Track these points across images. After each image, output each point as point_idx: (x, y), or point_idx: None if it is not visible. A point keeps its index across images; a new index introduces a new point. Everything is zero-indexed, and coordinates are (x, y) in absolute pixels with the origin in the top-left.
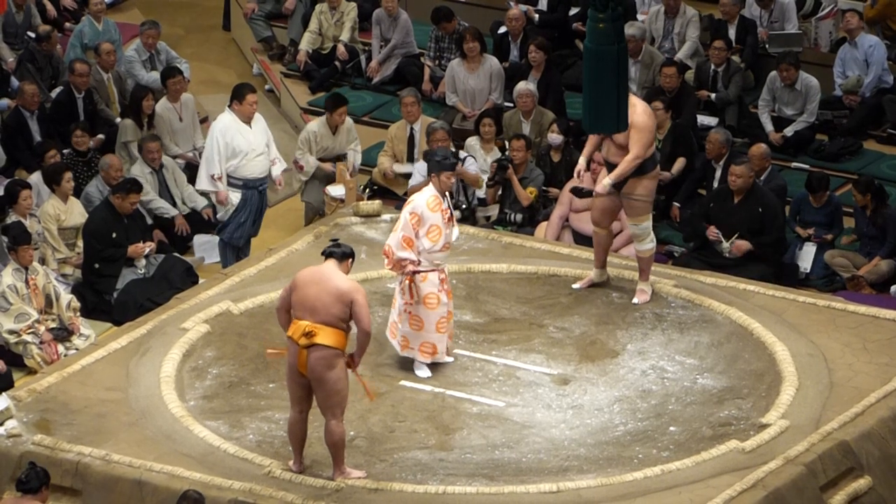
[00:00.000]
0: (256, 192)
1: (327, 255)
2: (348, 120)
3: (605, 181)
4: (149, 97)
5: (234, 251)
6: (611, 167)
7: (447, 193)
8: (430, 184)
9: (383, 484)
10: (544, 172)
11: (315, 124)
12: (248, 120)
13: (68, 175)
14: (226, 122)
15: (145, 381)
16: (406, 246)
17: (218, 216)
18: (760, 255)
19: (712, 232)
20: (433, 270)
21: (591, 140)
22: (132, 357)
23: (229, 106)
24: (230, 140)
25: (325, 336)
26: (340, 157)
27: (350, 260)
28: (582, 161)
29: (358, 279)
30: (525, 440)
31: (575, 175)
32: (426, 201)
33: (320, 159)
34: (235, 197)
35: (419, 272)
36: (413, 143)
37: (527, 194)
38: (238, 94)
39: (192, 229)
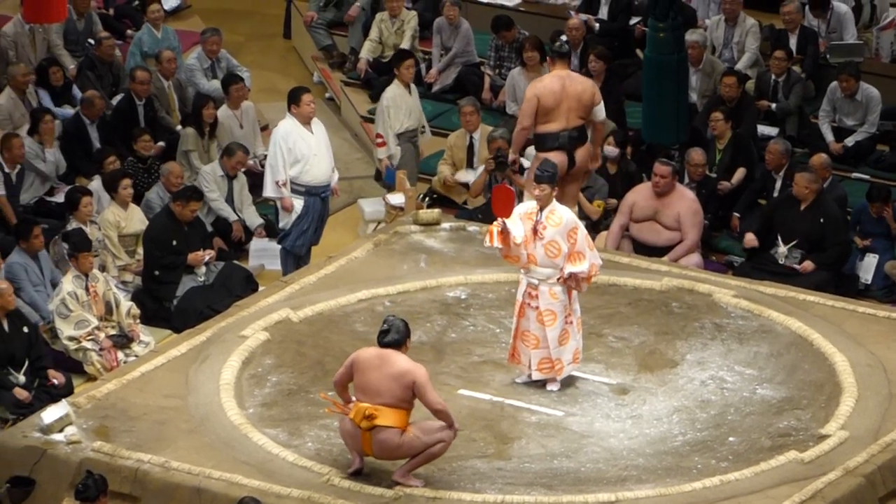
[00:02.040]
0: (319, 199)
1: (383, 345)
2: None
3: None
4: (209, 106)
5: (295, 259)
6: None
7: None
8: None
9: (441, 493)
10: None
11: (389, 89)
12: (307, 122)
13: (126, 182)
14: (287, 127)
15: (204, 388)
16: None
17: (280, 224)
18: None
19: (750, 240)
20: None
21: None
22: (191, 364)
23: (288, 110)
24: (292, 145)
25: (387, 417)
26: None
27: (408, 340)
28: (512, 156)
29: (416, 288)
30: (584, 450)
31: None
32: (525, 208)
33: (403, 132)
34: (298, 204)
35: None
36: (472, 152)
37: (594, 208)
38: (294, 98)
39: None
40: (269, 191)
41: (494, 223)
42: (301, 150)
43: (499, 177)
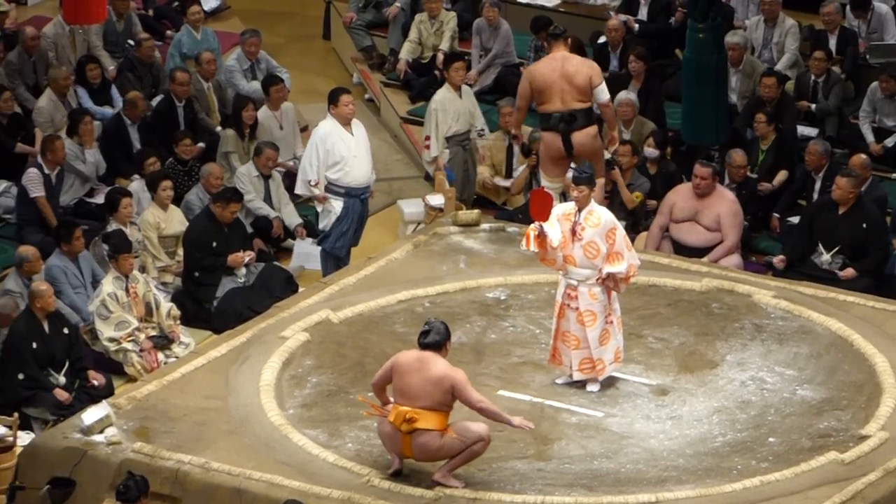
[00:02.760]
0: (358, 201)
1: (423, 346)
2: (466, 88)
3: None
4: (249, 107)
5: (335, 261)
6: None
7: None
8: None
9: (482, 494)
10: None
11: (439, 92)
12: (346, 123)
13: (165, 184)
14: (326, 128)
15: (245, 389)
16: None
17: (320, 226)
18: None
19: (779, 260)
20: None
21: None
22: (232, 365)
23: (328, 111)
24: (331, 147)
25: (427, 420)
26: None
27: (448, 342)
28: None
29: (456, 289)
30: (624, 450)
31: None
32: (563, 209)
33: (452, 136)
34: (338, 205)
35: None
36: (512, 153)
37: (632, 197)
38: (333, 98)
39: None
40: (300, 188)
41: (531, 227)
42: (340, 151)
43: (529, 163)
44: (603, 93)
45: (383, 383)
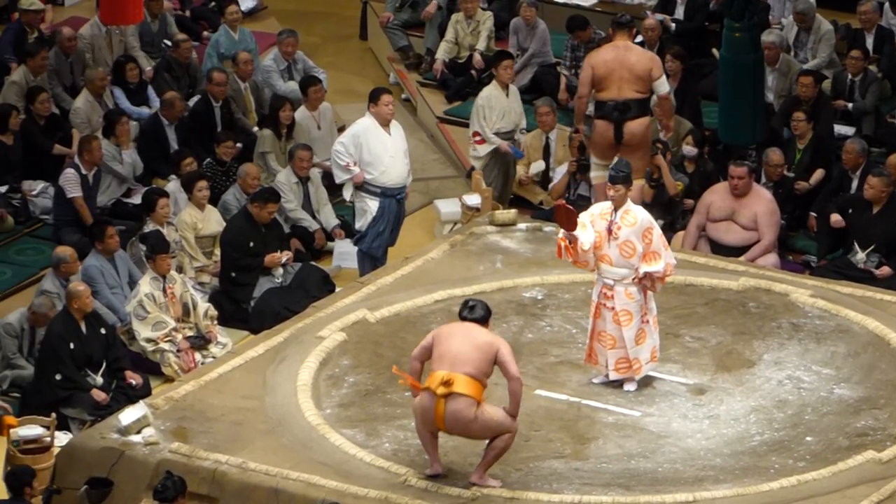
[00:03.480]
0: (394, 202)
1: (470, 321)
2: (513, 87)
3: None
4: (287, 107)
5: (372, 261)
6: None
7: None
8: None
9: (518, 493)
10: None
11: (486, 89)
12: (385, 123)
13: (201, 184)
14: (365, 124)
15: (282, 389)
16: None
17: (357, 226)
18: None
19: (837, 221)
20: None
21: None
22: (269, 365)
23: (368, 109)
24: (365, 142)
25: (464, 385)
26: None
27: (489, 320)
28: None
29: (493, 288)
30: (661, 450)
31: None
32: (600, 208)
33: (495, 134)
34: (373, 205)
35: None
36: (548, 152)
37: (674, 184)
38: (374, 97)
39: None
40: (337, 175)
41: (559, 235)
42: (376, 150)
43: (579, 178)
44: (663, 85)
45: (425, 356)
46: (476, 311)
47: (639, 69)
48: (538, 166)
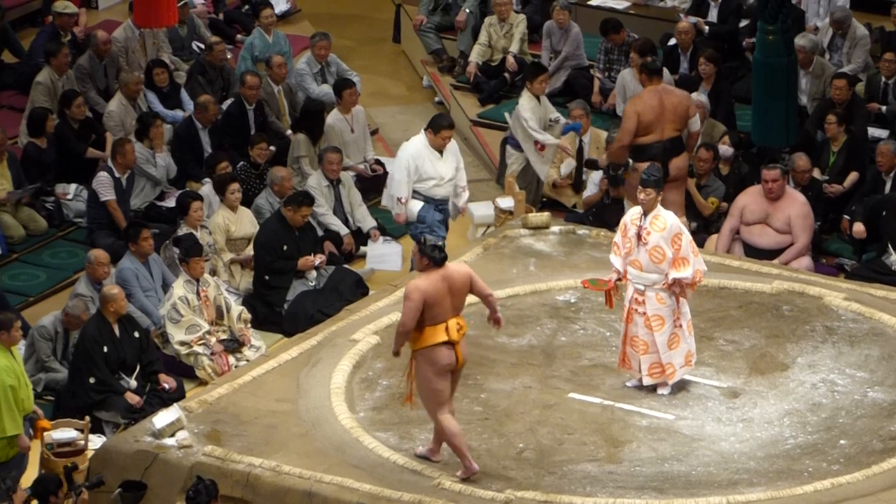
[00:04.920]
0: (434, 209)
1: (443, 262)
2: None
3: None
4: (326, 111)
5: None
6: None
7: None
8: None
9: (552, 496)
10: None
11: (523, 101)
12: (439, 150)
13: (233, 186)
14: (418, 147)
15: (315, 392)
16: (615, 252)
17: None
18: None
19: (859, 231)
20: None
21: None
22: (302, 368)
23: (424, 131)
24: (420, 164)
25: (464, 323)
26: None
27: None
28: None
29: (526, 291)
30: (695, 453)
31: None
32: (631, 213)
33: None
34: (416, 205)
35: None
36: (581, 155)
37: (707, 204)
38: (434, 125)
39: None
40: (385, 201)
41: (604, 287)
42: (427, 171)
43: (612, 192)
44: (696, 122)
45: (417, 318)
46: (445, 253)
47: (681, 109)
48: (569, 165)
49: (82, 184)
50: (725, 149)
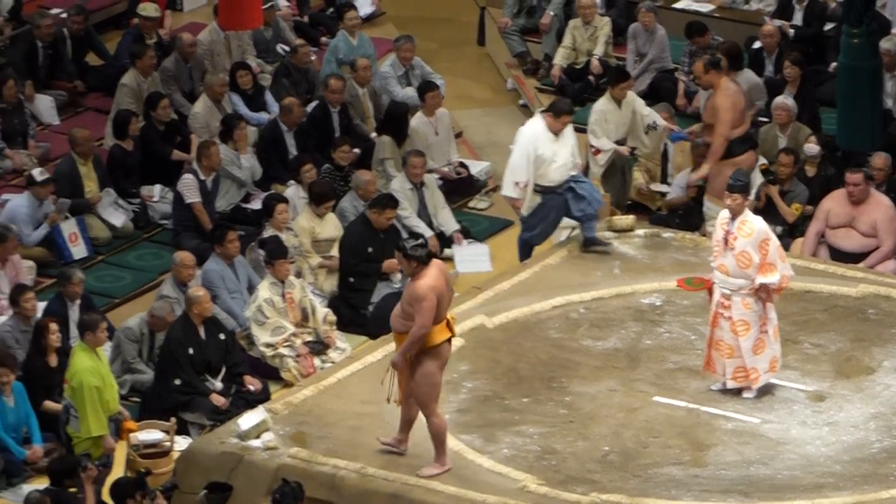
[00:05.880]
0: (555, 195)
1: (429, 258)
2: (629, 93)
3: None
4: (410, 114)
5: (531, 250)
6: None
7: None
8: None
9: (637, 499)
10: None
11: (599, 103)
12: (556, 134)
13: (329, 204)
14: (536, 130)
15: None
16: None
17: (521, 213)
18: None
19: None
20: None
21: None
22: (386, 371)
23: (541, 113)
24: (538, 146)
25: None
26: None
27: None
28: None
29: (610, 294)
30: (780, 457)
31: None
32: (720, 216)
33: (616, 142)
34: (535, 200)
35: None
36: (667, 158)
37: (791, 211)
38: (555, 109)
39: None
40: (507, 190)
41: (700, 287)
42: (544, 153)
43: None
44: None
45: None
46: (426, 247)
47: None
48: (660, 187)
49: (167, 186)
50: (811, 147)
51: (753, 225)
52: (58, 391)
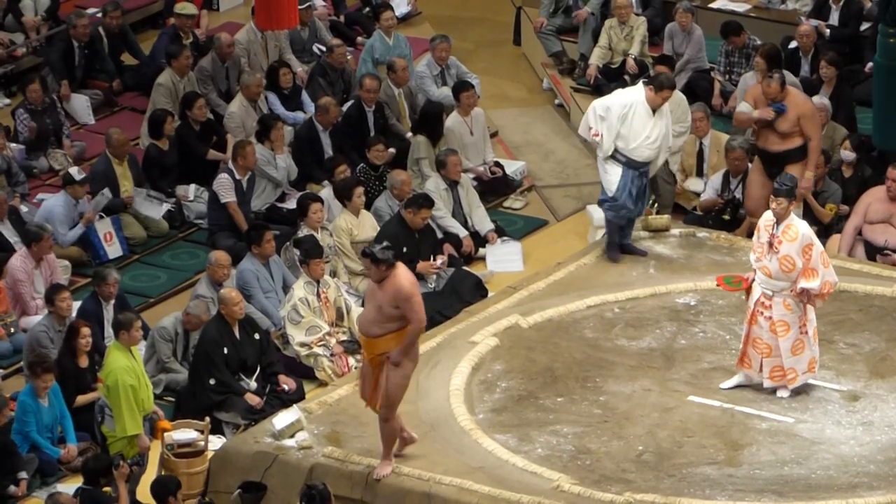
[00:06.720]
0: (637, 173)
1: (396, 259)
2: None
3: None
4: (445, 113)
5: (619, 229)
6: (768, 156)
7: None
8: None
9: (671, 499)
10: None
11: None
12: (654, 108)
13: (359, 190)
14: (634, 99)
15: (435, 393)
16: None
17: (602, 191)
18: None
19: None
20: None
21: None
22: (422, 370)
23: (644, 86)
24: (631, 116)
25: None
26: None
27: None
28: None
29: (646, 294)
30: (814, 456)
31: None
32: (765, 218)
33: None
34: (615, 172)
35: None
36: (702, 158)
37: (826, 212)
38: (657, 83)
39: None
40: (581, 130)
41: (739, 287)
42: (636, 129)
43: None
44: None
45: None
46: (392, 248)
47: None
48: (695, 184)
49: (203, 185)
50: (846, 154)
51: (798, 229)
52: (89, 391)
